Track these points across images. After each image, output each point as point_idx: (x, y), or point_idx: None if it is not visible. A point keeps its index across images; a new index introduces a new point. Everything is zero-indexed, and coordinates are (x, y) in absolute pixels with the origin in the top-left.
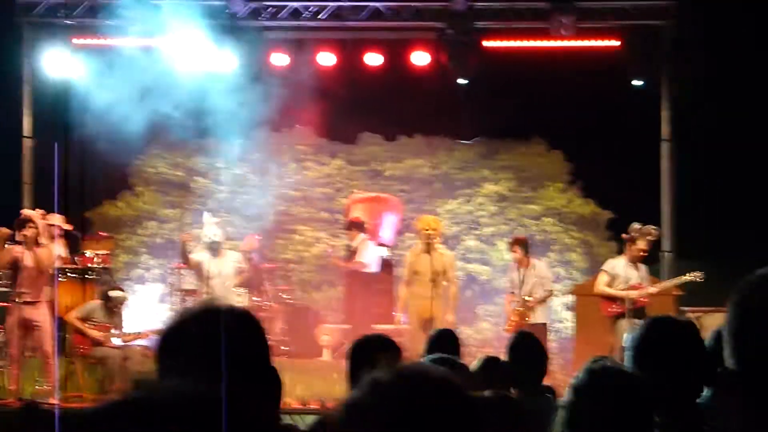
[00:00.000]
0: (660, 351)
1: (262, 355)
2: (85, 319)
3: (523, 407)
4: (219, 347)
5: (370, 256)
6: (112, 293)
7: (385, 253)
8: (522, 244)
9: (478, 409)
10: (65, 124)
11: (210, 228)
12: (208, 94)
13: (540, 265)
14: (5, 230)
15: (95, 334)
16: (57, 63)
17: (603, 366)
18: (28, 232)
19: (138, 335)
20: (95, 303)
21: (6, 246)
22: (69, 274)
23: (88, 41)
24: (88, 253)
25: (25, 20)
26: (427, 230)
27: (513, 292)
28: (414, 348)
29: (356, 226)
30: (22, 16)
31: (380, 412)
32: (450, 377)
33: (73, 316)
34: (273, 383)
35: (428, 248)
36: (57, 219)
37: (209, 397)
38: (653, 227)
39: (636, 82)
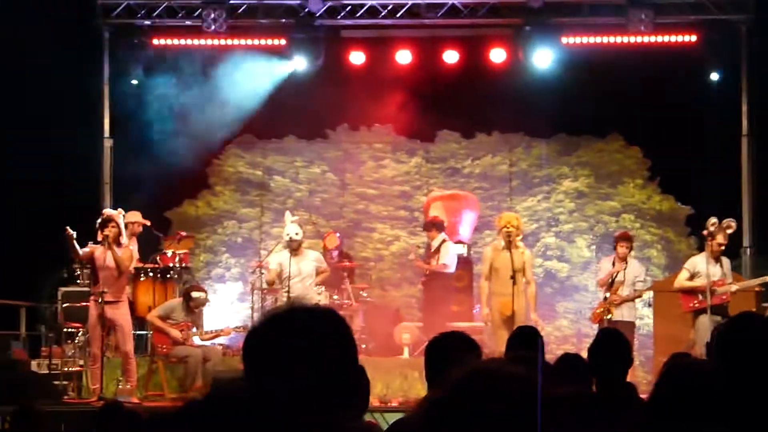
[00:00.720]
0: (747, 347)
1: (350, 355)
2: (165, 318)
3: (603, 404)
4: (306, 347)
5: (451, 257)
6: (194, 294)
7: (463, 250)
8: (631, 240)
9: (555, 408)
10: (144, 124)
11: (291, 227)
12: (286, 93)
13: (634, 264)
14: (69, 231)
15: (175, 333)
16: (136, 63)
17: (688, 362)
18: (110, 231)
19: (218, 333)
20: (175, 302)
21: (89, 245)
22: (150, 274)
23: (167, 41)
24: (169, 253)
25: (104, 21)
26: (507, 228)
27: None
28: (495, 346)
29: (435, 225)
30: (102, 18)
31: (460, 411)
32: (527, 376)
33: (153, 315)
34: (361, 383)
35: (509, 245)
36: (135, 216)
37: (285, 396)
38: (731, 220)
39: (714, 77)
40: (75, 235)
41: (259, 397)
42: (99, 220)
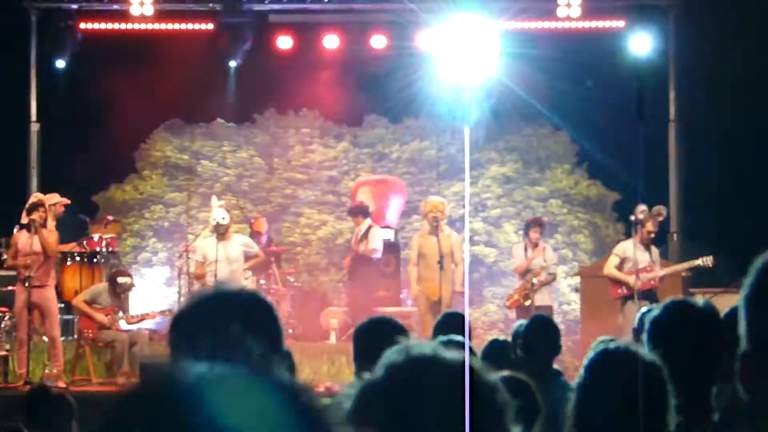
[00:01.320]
0: (680, 333)
1: (276, 338)
2: (91, 303)
3: (533, 390)
4: (232, 330)
5: (378, 242)
6: (120, 279)
7: (391, 235)
8: (543, 225)
9: (498, 393)
10: (71, 108)
11: (217, 211)
12: (214, 77)
13: (548, 248)
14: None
15: (101, 317)
16: (63, 47)
17: (617, 346)
18: (38, 216)
19: (143, 317)
20: (101, 286)
21: (15, 230)
22: (76, 258)
23: (95, 26)
24: (96, 237)
25: (32, 4)
26: (433, 213)
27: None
28: (422, 331)
29: (361, 211)
30: (30, 0)
31: (397, 395)
32: (461, 360)
33: (79, 300)
34: (287, 366)
35: (435, 230)
36: (54, 197)
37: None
38: (662, 207)
39: (642, 63)
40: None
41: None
42: (27, 204)
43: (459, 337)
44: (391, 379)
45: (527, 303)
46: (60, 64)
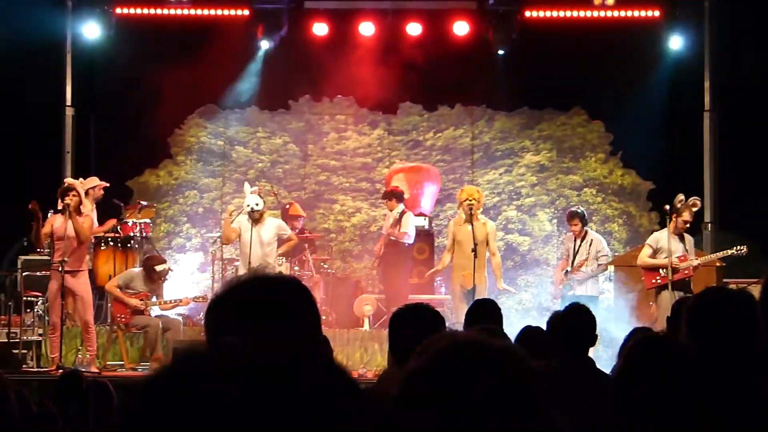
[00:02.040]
0: (716, 320)
1: (314, 324)
2: (124, 288)
3: (565, 378)
4: (270, 315)
5: (411, 228)
6: (158, 267)
7: (424, 223)
8: (582, 218)
9: (539, 380)
10: (106, 93)
11: (250, 197)
12: (253, 63)
13: (596, 239)
14: (34, 204)
15: (134, 302)
16: (99, 33)
17: (655, 335)
18: (71, 200)
19: (177, 303)
20: (134, 271)
21: (49, 214)
22: (110, 243)
23: (131, 11)
24: (130, 222)
25: None
26: (468, 201)
27: (566, 258)
28: (456, 318)
29: (396, 195)
30: None
31: (445, 382)
32: (512, 348)
33: (112, 285)
34: (324, 353)
35: (470, 218)
36: (93, 181)
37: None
38: (697, 198)
39: (677, 53)
40: (40, 211)
41: (227, 356)
42: (60, 189)
43: (492, 325)
44: (438, 366)
45: (570, 293)
46: (95, 49)
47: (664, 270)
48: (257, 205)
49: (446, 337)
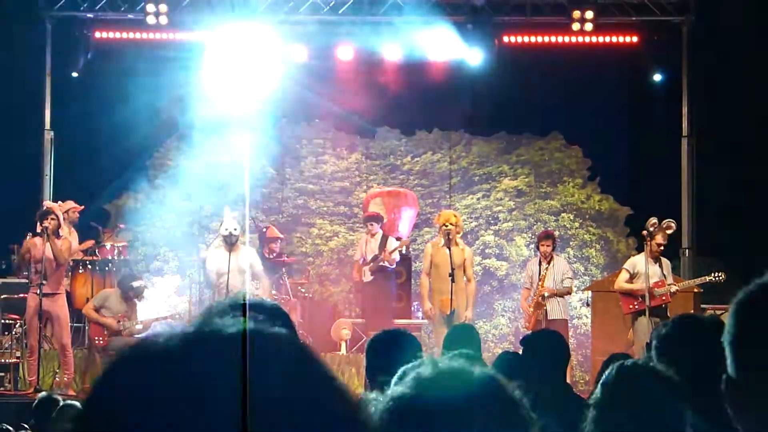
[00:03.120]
0: (685, 347)
1: None
2: (99, 308)
3: (543, 404)
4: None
5: (396, 252)
6: (135, 283)
7: (402, 247)
8: (553, 238)
9: (522, 407)
10: (85, 116)
11: (230, 222)
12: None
13: (561, 261)
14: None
15: (111, 321)
16: (78, 56)
17: (634, 363)
18: (49, 223)
19: (157, 319)
20: (109, 291)
21: (28, 236)
22: (88, 266)
23: (109, 35)
24: (108, 245)
25: (47, 13)
26: (446, 225)
27: (528, 288)
28: (435, 343)
29: (376, 219)
30: (45, 9)
31: (428, 408)
32: (493, 375)
33: (88, 308)
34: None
35: (448, 243)
36: (68, 204)
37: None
38: (671, 220)
39: (655, 78)
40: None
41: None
42: (39, 212)
43: (468, 350)
44: (421, 392)
45: (539, 313)
46: (74, 72)
47: (642, 296)
48: (235, 229)
49: (427, 363)
